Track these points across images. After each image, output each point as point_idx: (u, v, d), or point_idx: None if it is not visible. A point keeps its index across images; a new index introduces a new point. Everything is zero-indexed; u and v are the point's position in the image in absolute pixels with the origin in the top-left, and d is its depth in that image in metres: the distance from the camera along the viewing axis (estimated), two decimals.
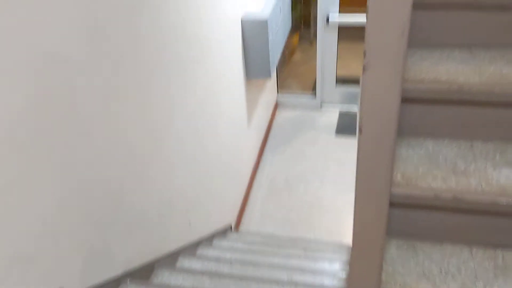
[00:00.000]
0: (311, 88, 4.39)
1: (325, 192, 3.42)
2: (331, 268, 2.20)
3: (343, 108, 4.24)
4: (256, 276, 1.99)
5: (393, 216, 1.32)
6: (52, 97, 1.16)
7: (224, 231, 2.84)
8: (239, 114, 3.05)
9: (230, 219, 3.01)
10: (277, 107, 4.34)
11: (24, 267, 1.14)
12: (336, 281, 2.02)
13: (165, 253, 2.00)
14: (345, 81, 4.21)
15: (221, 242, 2.59)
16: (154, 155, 1.79)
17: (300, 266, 2.20)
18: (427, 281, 1.25)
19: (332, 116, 4.18)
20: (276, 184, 3.53)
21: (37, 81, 1.10)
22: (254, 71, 3.10)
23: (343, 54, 4.18)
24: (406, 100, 1.22)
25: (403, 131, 1.32)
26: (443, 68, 1.23)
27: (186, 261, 2.13)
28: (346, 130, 3.99)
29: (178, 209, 2.11)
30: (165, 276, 1.90)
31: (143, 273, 1.80)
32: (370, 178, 1.03)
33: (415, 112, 1.29)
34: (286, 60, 4.74)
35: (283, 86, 4.44)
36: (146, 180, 1.74)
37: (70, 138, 1.25)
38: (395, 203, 1.18)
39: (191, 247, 2.30)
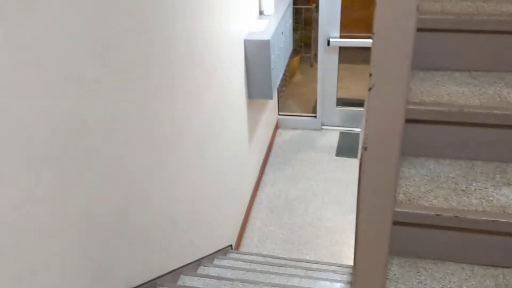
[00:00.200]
0: (311, 109, 4.44)
1: (326, 212, 3.43)
2: None
3: (343, 129, 4.29)
4: None
5: (395, 234, 1.33)
6: (65, 117, 1.19)
7: (225, 250, 2.84)
8: (241, 134, 3.08)
9: (231, 238, 3.01)
10: (278, 127, 4.38)
11: (32, 280, 1.15)
12: None
13: (167, 271, 2.01)
14: (345, 103, 4.26)
15: (222, 261, 2.59)
16: (158, 176, 1.81)
17: (301, 286, 2.19)
18: None
19: (333, 137, 4.22)
20: (276, 204, 3.54)
21: (52, 100, 1.13)
22: (256, 91, 3.14)
23: (343, 76, 4.24)
24: (408, 120, 1.26)
25: (405, 150, 1.34)
26: (443, 90, 1.26)
27: (187, 279, 2.13)
28: (346, 151, 4.02)
29: (180, 228, 2.12)
30: None
31: None
32: (374, 196, 1.05)
33: (416, 132, 1.32)
34: (287, 81, 4.79)
35: (284, 107, 4.49)
36: (149, 200, 1.76)
37: (79, 158, 1.28)
38: (397, 222, 1.20)
39: (193, 266, 2.31)
